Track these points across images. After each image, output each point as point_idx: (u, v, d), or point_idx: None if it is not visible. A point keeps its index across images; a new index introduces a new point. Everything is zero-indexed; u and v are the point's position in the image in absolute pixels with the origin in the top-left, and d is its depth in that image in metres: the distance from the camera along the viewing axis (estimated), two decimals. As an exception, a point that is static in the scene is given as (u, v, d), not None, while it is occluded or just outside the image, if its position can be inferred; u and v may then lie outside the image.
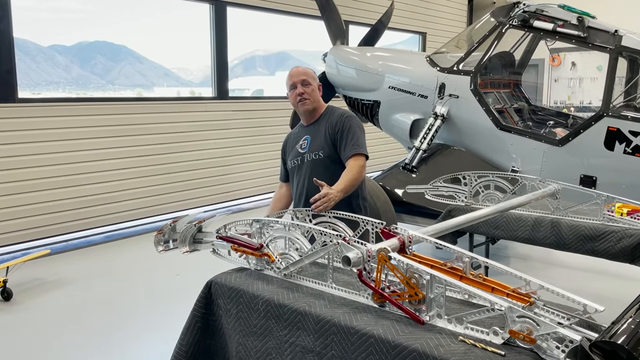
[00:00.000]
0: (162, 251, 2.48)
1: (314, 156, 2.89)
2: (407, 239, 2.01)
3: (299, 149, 2.96)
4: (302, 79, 2.90)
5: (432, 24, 11.67)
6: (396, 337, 1.59)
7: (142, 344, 3.61)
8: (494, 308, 1.55)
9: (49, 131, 5.81)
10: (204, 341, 2.14)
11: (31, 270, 4.86)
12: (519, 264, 5.40)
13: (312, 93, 2.91)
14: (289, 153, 3.06)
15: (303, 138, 2.98)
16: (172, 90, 9.03)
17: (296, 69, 2.97)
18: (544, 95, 12.02)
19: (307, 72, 2.95)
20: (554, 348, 1.44)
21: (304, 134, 3.00)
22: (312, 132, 2.95)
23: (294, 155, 2.99)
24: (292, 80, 2.92)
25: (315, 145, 2.90)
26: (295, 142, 3.03)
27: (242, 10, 7.89)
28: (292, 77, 2.93)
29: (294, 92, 2.92)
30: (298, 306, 1.84)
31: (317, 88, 2.96)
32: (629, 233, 2.90)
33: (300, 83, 2.90)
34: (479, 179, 3.52)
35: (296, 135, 3.06)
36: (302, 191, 2.98)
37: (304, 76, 2.91)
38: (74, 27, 7.24)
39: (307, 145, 2.93)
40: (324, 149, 2.88)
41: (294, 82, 2.91)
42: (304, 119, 3.02)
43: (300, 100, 2.91)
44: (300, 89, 2.90)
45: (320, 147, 2.88)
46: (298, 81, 2.90)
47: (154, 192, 6.84)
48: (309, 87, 2.91)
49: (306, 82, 2.90)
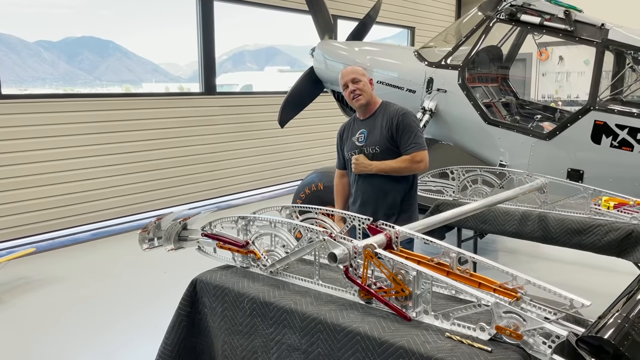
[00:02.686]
0: (147, 249, 2.45)
1: (371, 150, 3.04)
2: (394, 235, 2.00)
3: (356, 142, 3.10)
4: (352, 77, 3.05)
5: (421, 18, 11.65)
6: (382, 334, 1.58)
7: (128, 343, 3.57)
8: (480, 304, 1.54)
9: (33, 128, 5.72)
10: (190, 340, 2.12)
11: (16, 269, 4.79)
12: (507, 257, 5.42)
13: (363, 88, 3.05)
14: (345, 143, 3.21)
15: (359, 131, 3.11)
16: (161, 86, 8.93)
17: (346, 70, 3.13)
18: (532, 90, 12.06)
19: (356, 70, 3.11)
20: (541, 344, 1.44)
21: (360, 127, 3.13)
22: (368, 127, 3.09)
23: (350, 147, 3.13)
24: (343, 80, 3.09)
25: (372, 140, 3.05)
26: (351, 133, 3.17)
27: (230, 4, 7.82)
28: (343, 77, 3.09)
29: (347, 90, 3.08)
30: (284, 304, 1.82)
31: (369, 82, 3.10)
32: (615, 227, 2.91)
33: (351, 82, 3.05)
34: (467, 173, 3.52)
35: (352, 127, 3.20)
36: (358, 182, 3.15)
37: (354, 74, 3.06)
38: (61, 22, 7.13)
39: (365, 139, 3.07)
40: (381, 144, 3.02)
41: (345, 82, 3.07)
42: (359, 113, 3.16)
43: (354, 97, 3.06)
44: (352, 87, 3.05)
45: (377, 142, 3.03)
46: (349, 80, 3.05)
47: (141, 189, 6.77)
48: (360, 83, 3.05)
49: (356, 80, 3.05)
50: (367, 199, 3.07)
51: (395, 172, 3.00)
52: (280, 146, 8.55)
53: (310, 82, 6.08)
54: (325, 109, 8.21)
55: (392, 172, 2.99)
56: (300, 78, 6.14)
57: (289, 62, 11.42)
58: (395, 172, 2.99)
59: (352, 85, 3.05)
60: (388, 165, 2.98)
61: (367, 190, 3.06)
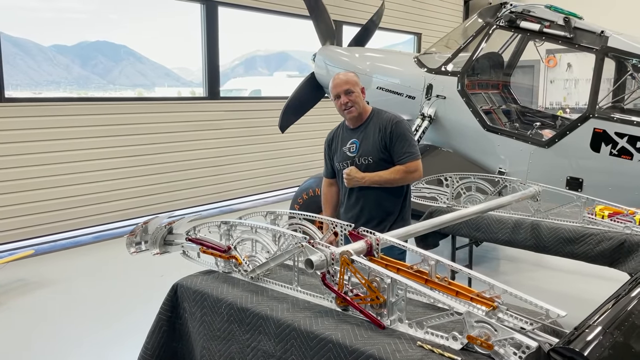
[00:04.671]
0: (134, 253, 2.45)
1: (364, 161, 2.97)
2: (375, 241, 1.98)
3: (348, 152, 3.03)
4: (345, 89, 2.95)
5: (428, 24, 11.63)
6: (354, 342, 1.56)
7: (121, 346, 3.58)
8: (453, 312, 1.52)
9: (36, 131, 5.78)
10: (170, 344, 2.11)
11: (15, 271, 4.83)
12: (508, 265, 5.37)
13: (355, 99, 2.96)
14: (334, 152, 3.13)
15: (350, 141, 3.03)
16: (173, 90, 9.02)
17: (339, 79, 3.00)
18: (539, 97, 12.00)
19: (349, 80, 2.99)
20: (511, 354, 1.41)
21: (351, 136, 3.04)
22: (359, 136, 3.01)
23: (342, 158, 3.05)
24: (335, 90, 2.98)
25: (364, 150, 2.97)
26: (341, 143, 3.08)
27: (236, 10, 7.86)
28: (335, 87, 2.98)
29: (339, 101, 2.98)
30: (260, 310, 1.81)
31: (361, 92, 3.01)
32: (608, 236, 2.87)
33: (343, 93, 2.95)
34: (461, 180, 3.50)
35: (342, 135, 3.10)
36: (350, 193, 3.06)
37: (347, 85, 2.95)
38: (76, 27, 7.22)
39: (356, 150, 3.00)
40: (373, 154, 2.95)
41: (337, 92, 2.97)
42: (350, 122, 3.07)
43: (346, 109, 2.97)
44: (344, 99, 2.95)
45: (369, 152, 2.96)
46: (341, 91, 2.95)
47: (144, 192, 6.81)
48: (352, 94, 2.96)
49: (349, 91, 2.95)
50: (360, 210, 3.01)
51: (389, 184, 2.94)
52: (284, 151, 8.56)
53: (311, 88, 6.08)
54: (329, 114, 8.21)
55: (386, 184, 2.94)
56: (301, 84, 6.15)
57: (299, 67, 11.47)
58: (389, 183, 2.94)
59: (344, 97, 2.95)
60: (382, 177, 2.92)
61: (360, 201, 3.00)
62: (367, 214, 2.99)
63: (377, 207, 3.00)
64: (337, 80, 3.01)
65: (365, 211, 3.00)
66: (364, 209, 3.01)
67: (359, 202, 3.01)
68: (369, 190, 2.97)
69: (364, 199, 3.00)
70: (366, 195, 2.98)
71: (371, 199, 2.98)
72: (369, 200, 2.99)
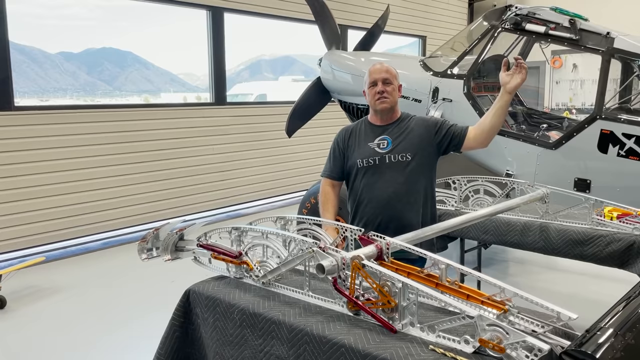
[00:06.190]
0: (146, 259, 2.47)
1: (400, 158, 2.74)
2: (385, 245, 2.00)
3: (377, 149, 2.77)
4: (384, 77, 2.73)
5: (433, 27, 11.64)
6: (367, 347, 1.58)
7: (133, 352, 3.60)
8: (464, 316, 1.53)
9: (46, 138, 5.83)
10: (183, 350, 2.13)
11: (26, 278, 4.87)
12: (516, 268, 5.36)
13: (392, 92, 2.75)
14: (354, 148, 2.84)
15: (380, 137, 2.79)
16: (179, 95, 9.06)
17: (379, 66, 2.77)
18: (545, 98, 11.97)
19: (390, 71, 2.77)
20: (524, 357, 1.42)
21: (379, 133, 2.80)
22: (392, 134, 2.78)
23: (367, 154, 2.78)
24: (373, 76, 2.75)
25: (402, 147, 2.75)
26: (365, 139, 2.83)
27: (242, 16, 7.91)
28: (373, 73, 2.75)
29: (374, 89, 2.74)
30: (272, 315, 1.83)
31: (398, 89, 2.80)
32: (617, 237, 2.87)
33: (381, 81, 2.72)
34: (468, 183, 3.50)
35: (364, 131, 2.85)
36: (375, 192, 2.80)
37: (386, 74, 2.74)
38: (82, 34, 7.29)
39: (389, 146, 2.76)
40: (412, 150, 2.74)
41: (375, 78, 2.74)
42: (378, 118, 2.83)
43: (380, 99, 2.73)
44: (380, 87, 2.72)
45: (408, 148, 2.74)
46: (380, 78, 2.73)
47: (151, 198, 6.85)
48: (390, 86, 2.74)
49: (388, 81, 2.73)
50: (382, 220, 2.78)
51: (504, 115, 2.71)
52: (290, 155, 8.58)
53: (318, 92, 6.11)
54: (334, 118, 8.24)
55: (504, 115, 2.70)
56: (308, 88, 6.18)
57: (304, 72, 11.51)
58: (505, 113, 2.71)
59: (381, 86, 2.71)
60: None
61: (384, 211, 2.77)
62: (392, 229, 2.66)
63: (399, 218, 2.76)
64: (377, 66, 2.78)
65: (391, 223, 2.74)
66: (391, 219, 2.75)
67: (384, 212, 2.77)
68: (392, 200, 2.75)
69: (389, 211, 2.75)
70: (390, 206, 2.75)
71: (393, 207, 2.75)
72: (392, 210, 2.76)
